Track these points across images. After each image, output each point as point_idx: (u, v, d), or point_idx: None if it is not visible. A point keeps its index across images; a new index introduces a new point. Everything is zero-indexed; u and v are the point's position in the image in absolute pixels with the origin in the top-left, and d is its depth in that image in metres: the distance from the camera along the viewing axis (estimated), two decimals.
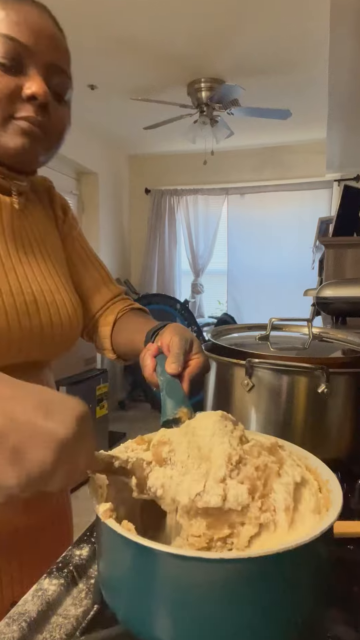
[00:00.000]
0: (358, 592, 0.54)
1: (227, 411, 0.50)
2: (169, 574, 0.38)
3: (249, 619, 0.37)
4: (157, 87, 3.33)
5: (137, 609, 0.40)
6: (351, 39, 1.68)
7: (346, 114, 2.40)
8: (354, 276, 2.36)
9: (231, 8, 2.38)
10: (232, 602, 0.36)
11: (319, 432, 0.77)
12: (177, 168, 5.00)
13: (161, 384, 0.63)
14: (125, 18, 2.46)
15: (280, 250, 4.79)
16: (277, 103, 3.40)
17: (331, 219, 3.16)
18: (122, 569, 0.41)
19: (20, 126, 0.63)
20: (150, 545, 0.37)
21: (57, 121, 0.67)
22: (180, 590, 0.37)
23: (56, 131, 0.68)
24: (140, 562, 0.38)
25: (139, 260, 5.25)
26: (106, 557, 0.44)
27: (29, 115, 0.63)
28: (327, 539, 0.41)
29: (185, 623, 0.37)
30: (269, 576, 0.37)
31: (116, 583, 0.42)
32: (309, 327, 0.95)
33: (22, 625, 0.46)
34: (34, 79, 0.62)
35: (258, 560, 0.35)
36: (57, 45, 0.66)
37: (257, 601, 0.37)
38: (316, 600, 0.40)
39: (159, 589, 0.38)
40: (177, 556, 0.36)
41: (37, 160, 0.69)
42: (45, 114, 0.64)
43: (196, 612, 0.37)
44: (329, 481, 0.46)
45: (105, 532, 0.42)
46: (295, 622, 0.39)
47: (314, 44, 2.66)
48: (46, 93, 0.63)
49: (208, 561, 0.36)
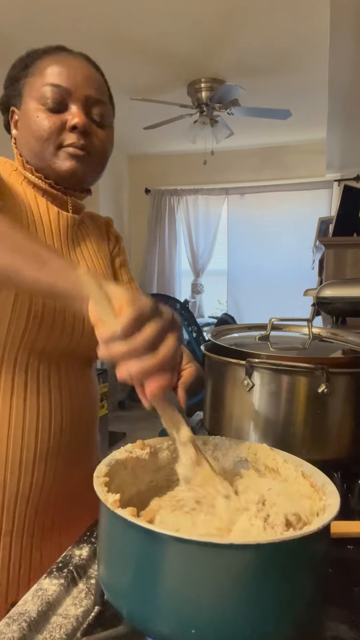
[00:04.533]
0: (358, 592, 0.54)
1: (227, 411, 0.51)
2: (176, 559, 0.38)
3: (255, 606, 0.37)
4: (157, 87, 3.33)
5: (141, 602, 0.40)
6: (351, 39, 1.68)
7: (346, 114, 2.39)
8: (354, 276, 2.36)
9: (231, 8, 2.38)
10: (241, 587, 0.37)
11: (319, 432, 0.77)
12: (177, 168, 5.00)
13: None
14: (125, 18, 2.46)
15: (280, 250, 4.79)
16: (277, 103, 3.40)
17: (331, 219, 3.16)
18: (129, 559, 0.41)
19: (67, 152, 0.77)
20: (160, 530, 0.37)
21: (99, 143, 0.81)
22: (186, 575, 0.38)
23: (99, 151, 0.82)
24: (148, 549, 0.39)
25: (139, 260, 5.25)
26: (110, 551, 0.44)
27: (73, 142, 0.77)
28: (326, 536, 0.42)
29: (189, 610, 0.38)
30: (274, 564, 0.37)
31: (121, 578, 0.42)
32: (309, 327, 0.95)
33: (22, 625, 0.46)
34: (75, 113, 0.77)
35: (266, 547, 0.36)
36: (93, 82, 0.80)
37: (266, 587, 0.37)
38: (315, 593, 0.41)
39: (165, 575, 0.39)
40: (186, 541, 0.37)
41: (86, 178, 0.83)
42: (86, 139, 0.78)
43: (200, 598, 0.37)
44: (324, 485, 0.47)
45: (111, 524, 0.42)
46: (298, 613, 0.40)
47: (314, 44, 2.66)
48: (84, 121, 0.77)
49: (217, 546, 0.36)
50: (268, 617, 0.38)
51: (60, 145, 0.77)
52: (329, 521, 0.39)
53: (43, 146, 0.77)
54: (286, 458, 0.56)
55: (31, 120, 0.77)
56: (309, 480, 0.51)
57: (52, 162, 0.78)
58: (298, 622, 0.40)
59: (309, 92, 3.33)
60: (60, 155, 0.77)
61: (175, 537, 0.37)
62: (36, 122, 0.76)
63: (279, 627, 0.39)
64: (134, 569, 0.40)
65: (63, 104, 0.77)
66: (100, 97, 0.81)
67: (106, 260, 0.93)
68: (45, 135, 0.76)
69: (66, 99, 0.77)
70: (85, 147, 0.78)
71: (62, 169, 0.78)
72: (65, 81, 0.77)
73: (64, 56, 0.80)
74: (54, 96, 0.76)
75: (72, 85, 0.77)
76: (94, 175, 0.84)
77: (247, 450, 0.60)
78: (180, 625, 0.38)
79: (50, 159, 0.78)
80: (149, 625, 0.40)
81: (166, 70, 3.11)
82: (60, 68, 0.78)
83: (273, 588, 0.38)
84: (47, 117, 0.76)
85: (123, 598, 0.42)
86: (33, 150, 0.78)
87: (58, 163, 0.78)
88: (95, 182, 0.86)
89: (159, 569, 0.39)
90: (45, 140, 0.76)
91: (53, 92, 0.76)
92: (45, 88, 0.76)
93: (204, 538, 0.39)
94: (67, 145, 0.77)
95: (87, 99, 0.78)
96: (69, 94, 0.77)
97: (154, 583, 0.39)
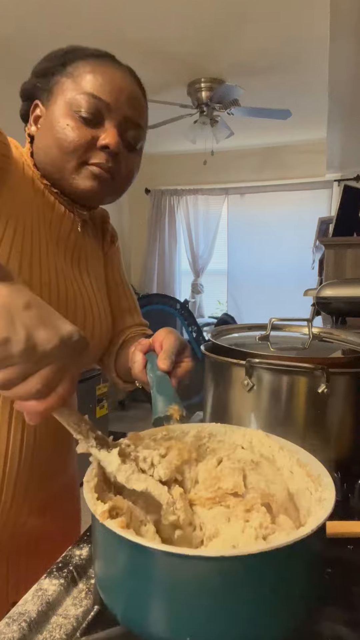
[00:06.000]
0: (358, 592, 0.54)
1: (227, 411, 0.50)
2: (167, 572, 0.38)
3: (248, 613, 0.37)
4: (157, 87, 3.32)
5: (136, 609, 0.40)
6: (351, 39, 1.68)
7: (346, 114, 2.39)
8: (354, 276, 2.36)
9: (231, 8, 2.38)
10: (236, 595, 0.37)
11: (319, 432, 0.77)
12: (177, 168, 5.00)
13: (151, 381, 0.63)
14: (125, 18, 2.46)
15: (280, 250, 4.79)
16: (277, 103, 3.40)
17: (331, 219, 3.16)
18: (120, 569, 0.41)
19: (91, 171, 0.71)
20: (148, 544, 0.37)
21: (126, 168, 0.75)
22: (178, 587, 0.38)
23: (125, 177, 0.76)
24: (137, 562, 0.39)
25: (139, 260, 5.25)
26: (103, 558, 0.44)
27: (100, 162, 0.70)
28: (321, 534, 0.42)
29: (183, 619, 0.38)
30: (267, 571, 0.37)
31: (114, 584, 0.42)
32: (309, 327, 0.95)
33: (22, 625, 0.46)
34: (109, 132, 0.70)
35: (257, 557, 0.35)
36: (135, 103, 0.74)
37: (258, 595, 0.37)
38: (312, 594, 0.41)
39: (157, 586, 0.38)
40: (175, 555, 0.36)
41: (103, 201, 0.78)
42: (115, 162, 0.72)
43: (193, 608, 0.37)
44: (320, 476, 0.47)
45: (102, 533, 0.42)
46: (295, 615, 0.39)
47: (314, 44, 2.66)
48: (118, 144, 0.70)
49: (207, 559, 0.36)
50: (262, 621, 0.38)
51: (85, 162, 0.70)
52: (323, 521, 0.39)
53: (65, 158, 0.70)
54: (282, 445, 0.55)
55: (58, 126, 0.69)
56: (304, 469, 0.50)
57: (72, 177, 0.71)
58: (295, 622, 0.40)
59: (308, 92, 3.33)
60: (82, 172, 0.71)
61: (164, 551, 0.36)
62: (64, 130, 0.69)
63: (275, 629, 0.38)
64: (125, 578, 0.40)
65: (98, 118, 0.70)
66: (138, 121, 0.75)
67: (99, 273, 0.88)
68: (71, 147, 0.69)
69: (103, 113, 0.70)
70: (112, 170, 0.72)
71: (81, 187, 0.71)
72: (108, 95, 0.70)
73: (110, 66, 0.73)
74: (90, 107, 0.69)
75: (113, 101, 0.70)
76: (112, 200, 0.78)
77: (242, 438, 0.59)
78: (176, 633, 0.38)
79: (70, 175, 0.71)
80: (144, 630, 0.40)
81: (166, 70, 3.11)
82: (103, 78, 0.70)
83: (267, 593, 0.37)
84: (77, 128, 0.69)
85: (117, 603, 0.42)
86: (52, 158, 0.71)
87: (78, 180, 0.71)
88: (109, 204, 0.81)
89: (151, 580, 0.38)
90: (70, 153, 0.69)
91: (90, 103, 0.69)
92: (82, 96, 0.69)
93: (194, 552, 0.38)
94: (93, 164, 0.70)
95: (125, 119, 0.72)
96: (108, 109, 0.70)
97: (147, 592, 0.39)
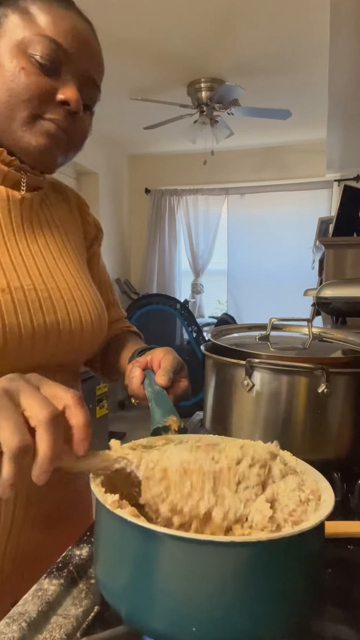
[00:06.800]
0: (358, 592, 0.54)
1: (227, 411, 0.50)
2: (177, 558, 0.38)
3: (256, 601, 0.38)
4: (157, 87, 3.33)
5: (141, 601, 0.40)
6: (351, 39, 1.68)
7: (346, 114, 2.39)
8: (354, 276, 2.36)
9: (231, 8, 2.38)
10: (243, 583, 0.37)
11: (319, 432, 0.77)
12: (177, 168, 5.01)
13: (149, 395, 0.66)
14: (125, 18, 2.46)
15: (280, 250, 4.80)
16: (277, 103, 3.40)
17: (331, 219, 3.16)
18: (128, 560, 0.41)
19: (46, 127, 0.63)
20: (161, 530, 0.37)
21: (81, 129, 0.69)
22: (186, 574, 0.38)
23: (78, 138, 0.69)
24: (147, 549, 0.39)
25: (139, 260, 5.25)
26: (109, 552, 0.44)
27: (57, 118, 0.63)
28: (320, 532, 0.42)
29: (191, 608, 0.38)
30: (273, 559, 0.38)
31: (120, 578, 0.42)
32: (309, 327, 0.95)
33: (22, 625, 0.46)
34: (69, 86, 0.63)
35: (267, 544, 0.36)
36: (95, 58, 0.67)
37: (266, 582, 0.38)
38: (314, 585, 0.42)
39: (165, 574, 0.39)
40: (189, 540, 0.37)
41: (54, 162, 0.69)
42: (72, 121, 0.65)
43: (202, 597, 0.37)
44: (317, 481, 0.47)
45: (110, 524, 0.42)
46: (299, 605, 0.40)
47: (314, 44, 2.66)
48: (79, 102, 0.64)
49: (218, 544, 0.37)
50: (269, 611, 0.38)
51: (39, 115, 0.62)
52: (325, 516, 0.40)
53: (17, 107, 0.61)
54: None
55: (9, 67, 0.60)
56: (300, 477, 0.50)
57: (21, 131, 0.63)
58: (299, 613, 0.40)
59: (308, 92, 3.33)
60: (35, 126, 0.63)
61: (176, 536, 0.37)
62: (17, 75, 0.60)
63: (279, 620, 0.39)
64: (133, 569, 0.40)
65: (56, 67, 0.62)
66: (97, 78, 0.68)
67: (77, 247, 0.80)
68: (25, 95, 0.60)
69: (63, 64, 0.62)
70: (68, 129, 0.65)
71: (32, 144, 0.63)
72: (69, 44, 0.62)
73: (73, 12, 0.64)
74: (49, 53, 0.61)
75: (72, 48, 0.62)
76: (63, 162, 0.71)
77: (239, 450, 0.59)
78: (181, 623, 0.38)
79: (20, 127, 0.62)
80: (149, 624, 0.40)
81: (166, 70, 3.11)
82: (65, 23, 0.62)
83: (273, 582, 0.38)
84: (33, 74, 0.60)
85: (122, 598, 0.42)
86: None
87: (28, 135, 0.63)
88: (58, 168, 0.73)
89: (159, 569, 0.39)
90: (24, 102, 0.61)
91: (50, 49, 0.60)
92: (39, 38, 0.60)
93: (205, 537, 0.39)
94: (49, 119, 0.63)
95: (84, 74, 0.65)
96: (68, 59, 0.62)
97: (154, 582, 0.39)
